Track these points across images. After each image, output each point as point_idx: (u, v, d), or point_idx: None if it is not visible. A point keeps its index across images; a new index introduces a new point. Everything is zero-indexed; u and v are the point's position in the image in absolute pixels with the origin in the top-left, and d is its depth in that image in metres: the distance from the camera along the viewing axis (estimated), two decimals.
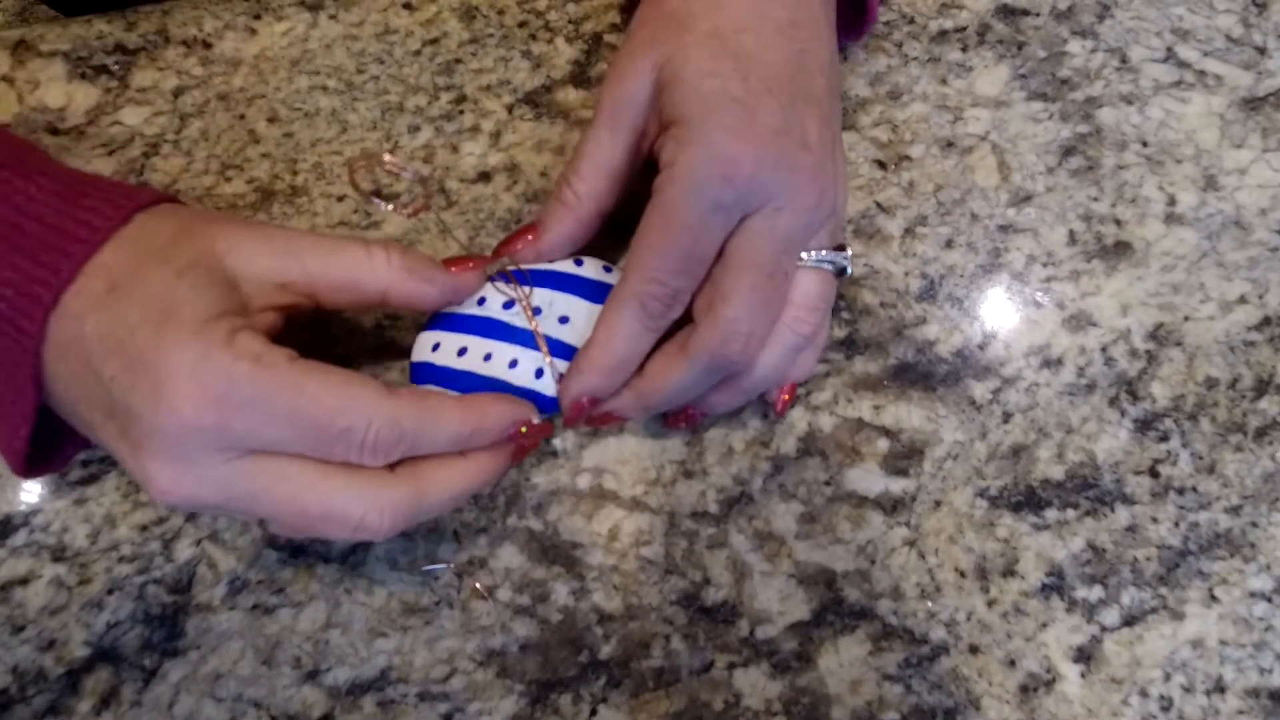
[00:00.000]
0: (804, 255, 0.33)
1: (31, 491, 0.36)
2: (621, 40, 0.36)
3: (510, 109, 0.41)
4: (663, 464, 0.37)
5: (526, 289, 0.34)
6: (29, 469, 0.31)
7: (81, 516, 0.36)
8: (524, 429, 0.32)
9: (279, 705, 0.34)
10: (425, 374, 0.34)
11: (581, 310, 0.34)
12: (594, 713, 0.34)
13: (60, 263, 0.27)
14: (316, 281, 0.30)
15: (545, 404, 0.33)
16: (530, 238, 0.34)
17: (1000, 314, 0.38)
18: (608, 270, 0.35)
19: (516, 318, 0.34)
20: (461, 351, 0.33)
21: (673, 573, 0.35)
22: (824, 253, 0.33)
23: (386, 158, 0.35)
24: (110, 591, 0.35)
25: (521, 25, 0.42)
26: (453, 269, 0.33)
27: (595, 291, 0.34)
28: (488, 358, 0.33)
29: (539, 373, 0.33)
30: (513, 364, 0.33)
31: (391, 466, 0.30)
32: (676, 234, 0.31)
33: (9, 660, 0.34)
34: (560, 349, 0.33)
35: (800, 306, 0.33)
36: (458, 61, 0.42)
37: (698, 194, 0.30)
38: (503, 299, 0.34)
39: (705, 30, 0.32)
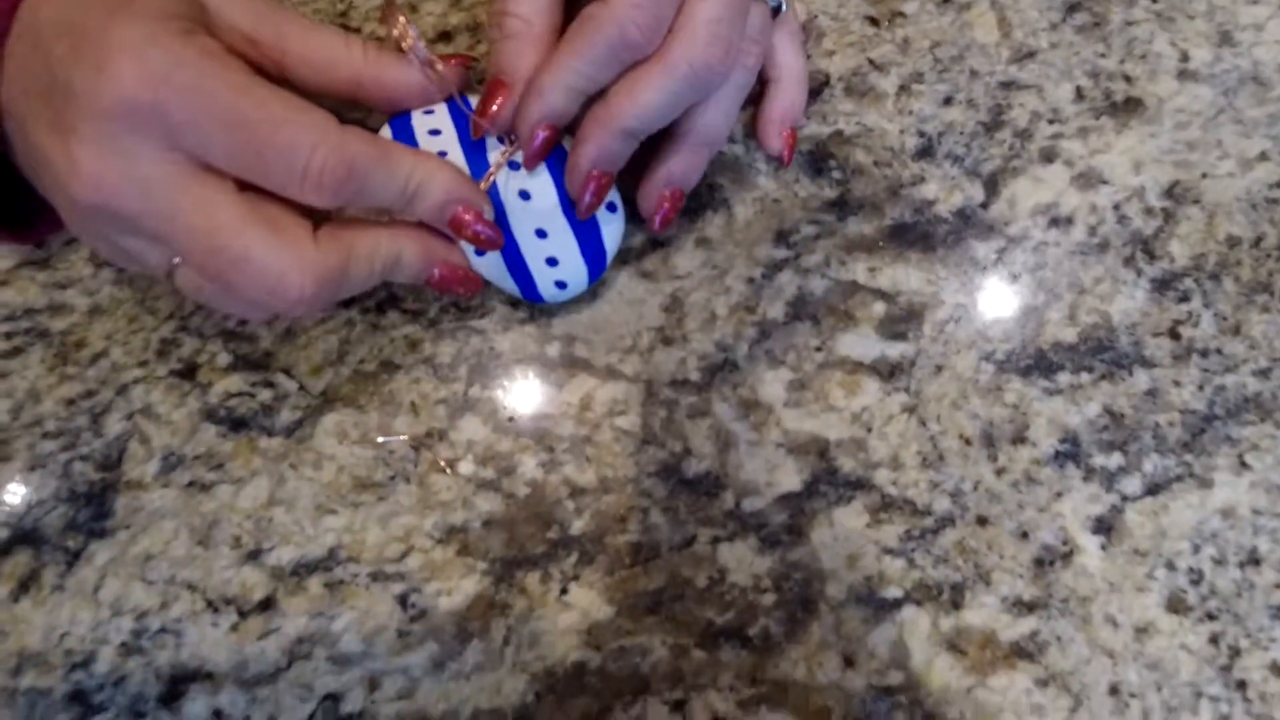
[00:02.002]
0: None
1: None
2: None
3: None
4: (639, 331, 0.34)
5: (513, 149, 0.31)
6: None
7: (3, 391, 0.33)
8: (471, 217, 0.29)
9: (215, 588, 0.31)
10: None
11: (546, 200, 0.31)
12: (564, 591, 0.31)
13: None
14: (289, 48, 0.28)
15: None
16: (501, 98, 0.31)
17: (1004, 172, 0.36)
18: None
19: (492, 152, 0.31)
20: (434, 132, 0.31)
21: (650, 443, 0.32)
22: None
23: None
24: (32, 469, 0.32)
25: None
26: (437, 63, 0.30)
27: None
28: (441, 153, 0.30)
29: None
30: None
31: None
32: None
33: None
34: (497, 210, 0.31)
35: (744, 38, 0.30)
36: None
37: None
38: (493, 141, 0.31)
39: None
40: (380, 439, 0.32)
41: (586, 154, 0.30)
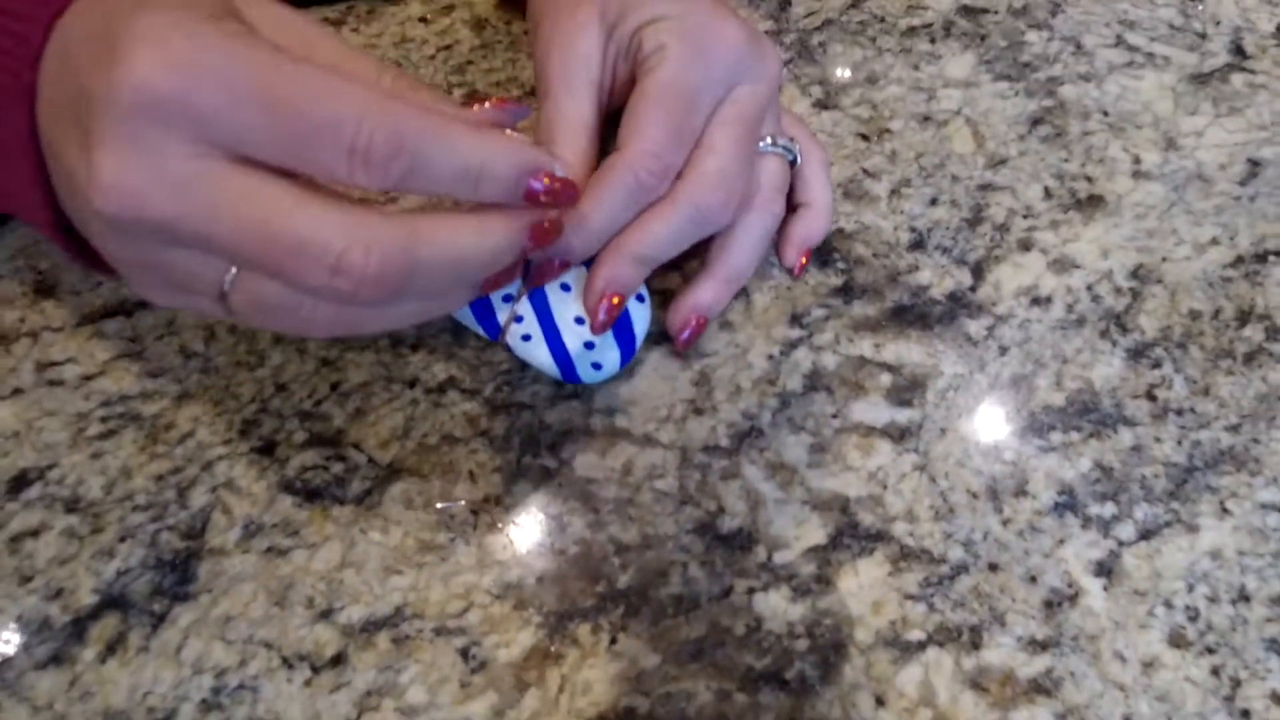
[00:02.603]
0: (764, 143, 0.36)
1: (48, 447, 0.36)
2: (542, 14, 0.36)
3: (519, 101, 0.44)
4: (673, 403, 0.37)
5: None
6: (62, 234, 0.27)
7: (98, 469, 0.36)
8: (546, 183, 0.26)
9: (291, 645, 0.33)
10: None
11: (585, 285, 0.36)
12: (614, 641, 0.33)
13: None
14: (315, 59, 0.25)
15: (490, 328, 0.35)
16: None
17: (988, 260, 0.40)
18: None
19: None
20: None
21: (687, 503, 0.36)
22: (781, 139, 0.36)
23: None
24: (122, 539, 0.35)
25: (528, 33, 0.46)
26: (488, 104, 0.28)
27: None
28: None
29: (507, 297, 0.35)
30: None
31: None
32: (674, 107, 0.32)
33: (13, 611, 0.34)
34: (540, 301, 0.35)
35: (768, 188, 0.35)
36: (469, 63, 0.45)
37: (693, 68, 0.32)
38: None
39: None
40: (441, 505, 0.35)
41: (601, 275, 0.34)
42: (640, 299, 0.36)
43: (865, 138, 0.43)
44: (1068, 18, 0.47)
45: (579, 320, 0.35)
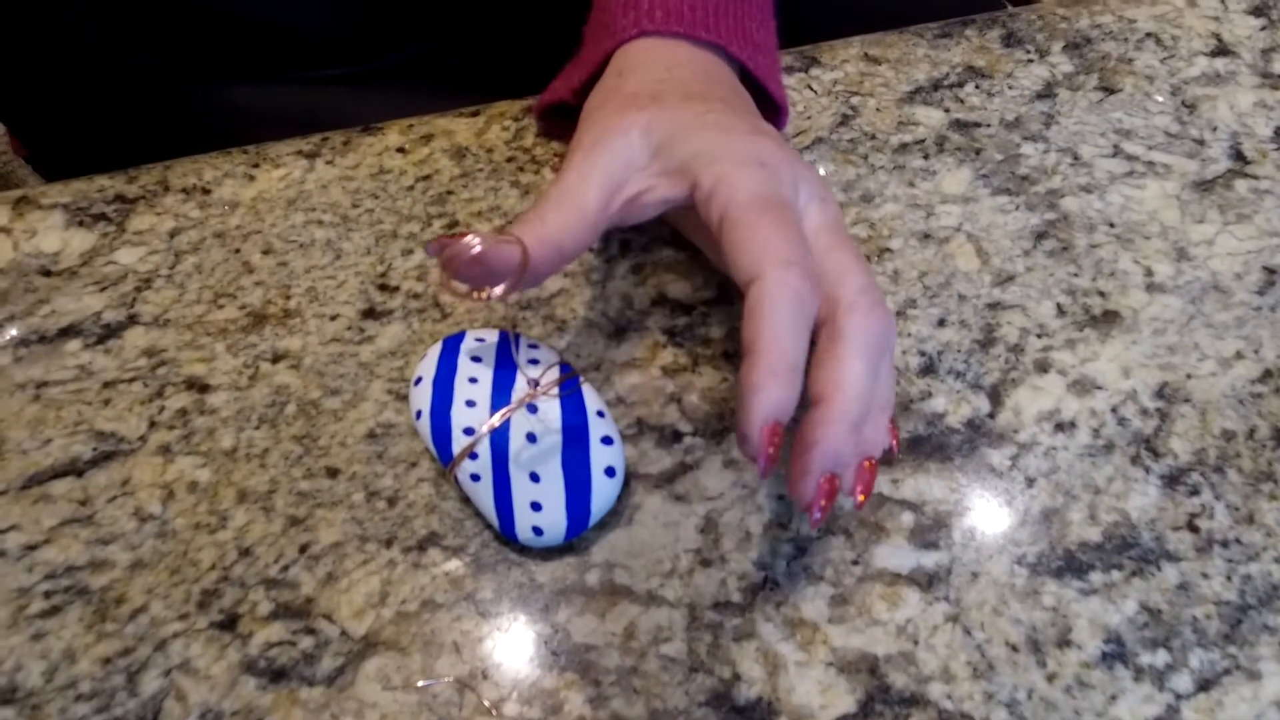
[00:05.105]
0: None
1: None
2: (587, 112, 0.37)
3: (501, 230, 0.42)
4: (677, 554, 0.34)
5: (556, 390, 0.34)
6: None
7: (38, 653, 0.32)
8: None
9: None
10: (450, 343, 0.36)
11: (549, 447, 0.34)
12: None
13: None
14: None
15: (444, 455, 0.34)
16: (458, 245, 0.31)
17: (1004, 383, 0.38)
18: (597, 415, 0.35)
19: (517, 390, 0.33)
20: (476, 359, 0.35)
21: (698, 670, 0.32)
22: None
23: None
24: None
25: (509, 160, 0.45)
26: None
27: (574, 437, 0.34)
28: (472, 380, 0.35)
29: (469, 429, 0.34)
30: (470, 403, 0.34)
31: None
32: (775, 217, 0.31)
33: None
34: (501, 444, 0.33)
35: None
36: (449, 193, 0.43)
37: (766, 181, 0.32)
38: (538, 373, 0.35)
39: (680, 95, 0.35)
40: (422, 683, 0.32)
41: (815, 455, 0.30)
42: (610, 473, 0.34)
43: (865, 258, 0.41)
44: (1062, 128, 0.46)
45: (534, 477, 0.33)
